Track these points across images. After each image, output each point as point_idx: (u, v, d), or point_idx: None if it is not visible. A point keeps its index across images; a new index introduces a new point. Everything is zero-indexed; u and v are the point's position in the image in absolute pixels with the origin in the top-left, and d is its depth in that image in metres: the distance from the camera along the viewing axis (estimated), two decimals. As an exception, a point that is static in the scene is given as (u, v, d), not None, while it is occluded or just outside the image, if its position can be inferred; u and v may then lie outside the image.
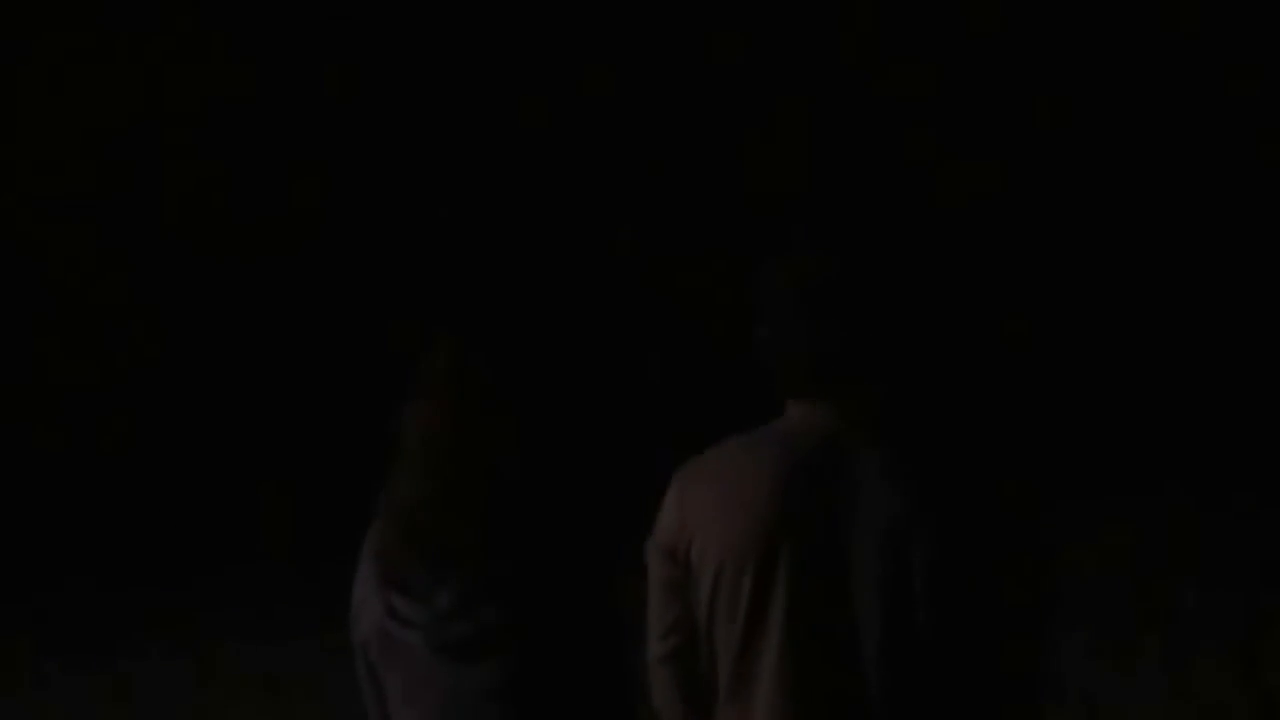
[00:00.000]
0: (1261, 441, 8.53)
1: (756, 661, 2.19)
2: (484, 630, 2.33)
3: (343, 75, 10.51)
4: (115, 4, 10.39)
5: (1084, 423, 9.05)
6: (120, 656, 7.19)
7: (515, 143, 10.55)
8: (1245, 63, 10.30)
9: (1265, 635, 5.91)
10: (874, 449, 2.17)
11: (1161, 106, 10.43)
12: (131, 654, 7.21)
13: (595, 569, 2.40)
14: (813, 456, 2.18)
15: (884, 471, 2.15)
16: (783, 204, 10.21)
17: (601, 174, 10.65)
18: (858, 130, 10.51)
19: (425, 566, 2.36)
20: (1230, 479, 8.02)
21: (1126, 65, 10.53)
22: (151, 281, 10.39)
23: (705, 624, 2.23)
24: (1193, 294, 10.09)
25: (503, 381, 2.41)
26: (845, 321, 2.17)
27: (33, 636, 7.58)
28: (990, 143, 10.48)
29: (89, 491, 9.48)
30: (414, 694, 2.41)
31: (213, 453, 9.78)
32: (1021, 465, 2.19)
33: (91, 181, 10.29)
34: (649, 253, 10.57)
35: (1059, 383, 9.64)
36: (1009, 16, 10.57)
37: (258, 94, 10.51)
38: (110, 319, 10.25)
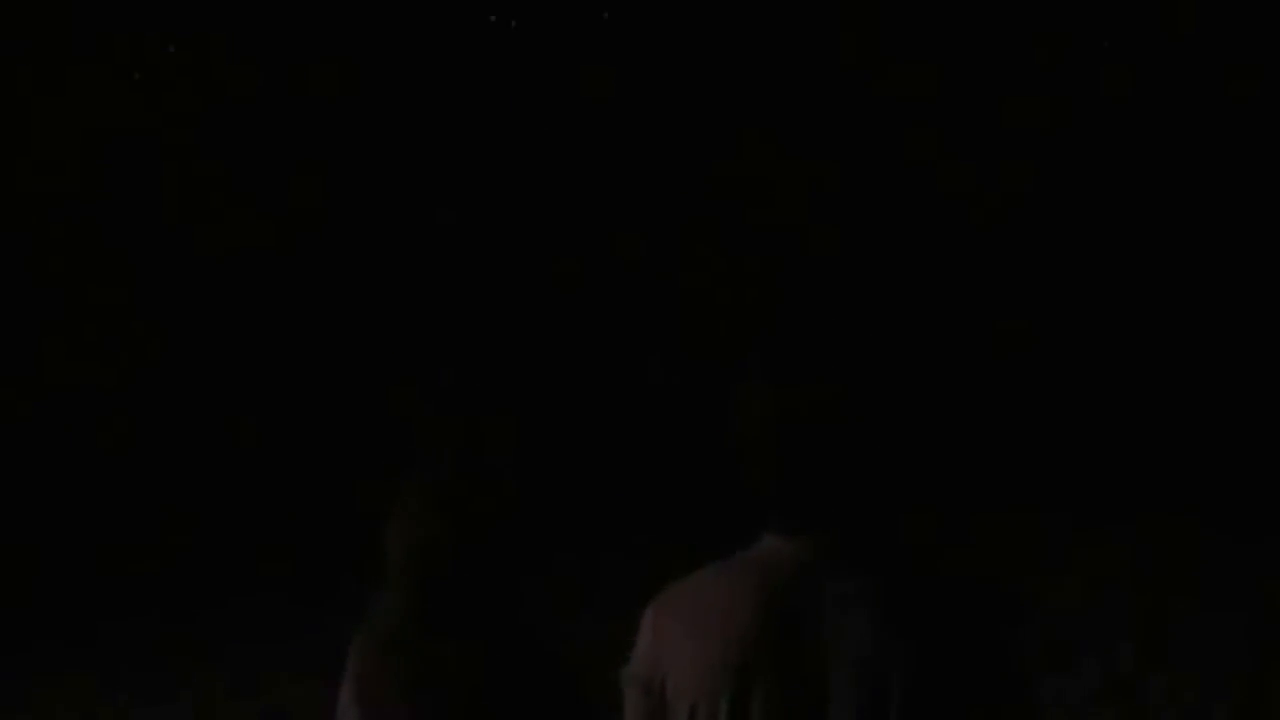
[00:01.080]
0: (1264, 455, 8.49)
1: None
2: None
3: (343, 75, 10.51)
4: (115, 4, 10.39)
5: (1086, 437, 9.03)
6: (120, 679, 7.18)
7: (513, 143, 10.55)
8: (1245, 63, 10.30)
9: (1267, 649, 5.90)
10: (849, 581, 2.14)
11: (1161, 107, 10.43)
12: (131, 678, 7.20)
13: (576, 696, 2.40)
14: (787, 589, 2.15)
15: (859, 604, 2.12)
16: (783, 204, 10.22)
17: (599, 175, 10.65)
18: (858, 130, 10.51)
19: (401, 691, 2.37)
20: (1231, 492, 8.00)
21: (1126, 66, 10.53)
22: (152, 281, 10.41)
23: None
24: (1197, 305, 10.08)
25: (488, 504, 2.42)
26: (824, 435, 2.13)
27: (33, 660, 7.57)
28: (990, 143, 10.48)
29: (87, 505, 9.47)
30: None
31: (212, 461, 9.78)
32: (996, 595, 2.17)
33: (91, 181, 10.29)
34: (648, 254, 10.57)
35: (1061, 394, 9.62)
36: (1009, 17, 10.58)
37: (258, 94, 10.52)
38: (110, 319, 10.26)
